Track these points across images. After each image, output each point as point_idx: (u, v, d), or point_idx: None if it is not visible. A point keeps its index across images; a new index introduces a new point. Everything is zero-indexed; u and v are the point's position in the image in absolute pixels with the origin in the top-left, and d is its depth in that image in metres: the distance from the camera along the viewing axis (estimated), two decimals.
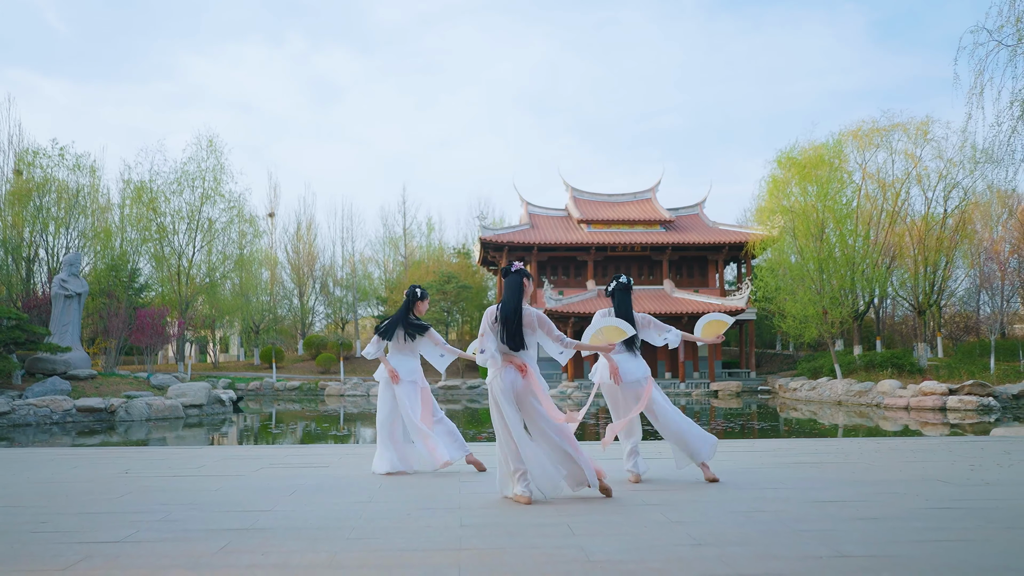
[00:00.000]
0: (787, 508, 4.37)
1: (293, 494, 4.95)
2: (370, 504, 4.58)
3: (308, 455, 7.27)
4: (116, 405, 18.87)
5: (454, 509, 4.40)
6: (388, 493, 5.00)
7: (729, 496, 4.79)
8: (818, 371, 29.84)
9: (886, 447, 7.71)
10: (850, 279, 27.65)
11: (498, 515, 4.23)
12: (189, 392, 20.93)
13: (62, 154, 31.13)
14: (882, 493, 4.87)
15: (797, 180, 28.30)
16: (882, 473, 5.81)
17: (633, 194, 40.62)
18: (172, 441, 14.46)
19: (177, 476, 5.86)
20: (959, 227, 28.94)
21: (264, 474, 5.85)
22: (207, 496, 4.88)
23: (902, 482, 5.34)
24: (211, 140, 34.37)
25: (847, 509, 4.34)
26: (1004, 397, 21.43)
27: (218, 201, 34.61)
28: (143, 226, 32.93)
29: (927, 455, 6.94)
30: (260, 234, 39.55)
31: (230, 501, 4.70)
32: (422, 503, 4.61)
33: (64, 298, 22.60)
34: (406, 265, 48.58)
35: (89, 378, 21.26)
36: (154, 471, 6.13)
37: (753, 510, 4.32)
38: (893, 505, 4.44)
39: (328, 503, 4.62)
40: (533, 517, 4.16)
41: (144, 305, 32.14)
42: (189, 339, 46.65)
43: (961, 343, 32.30)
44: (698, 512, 4.27)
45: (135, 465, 6.50)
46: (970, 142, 21.58)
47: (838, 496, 4.78)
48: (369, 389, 32.10)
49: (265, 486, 5.30)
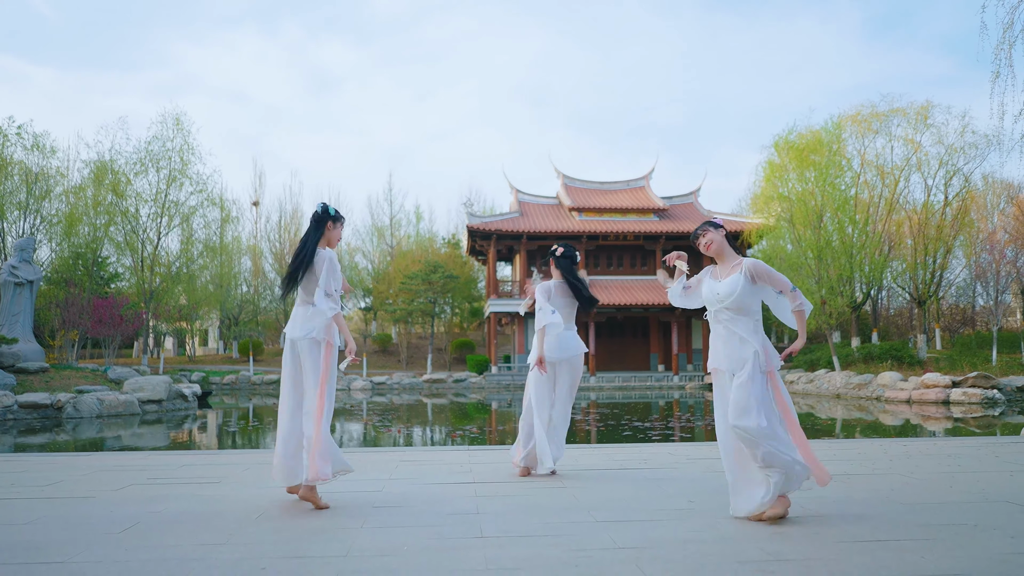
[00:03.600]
0: (817, 555, 3.01)
1: (126, 531, 3.55)
2: (221, 548, 3.20)
3: (209, 465, 5.87)
4: (63, 401, 17.29)
5: (338, 557, 3.03)
6: (260, 527, 3.61)
7: (739, 534, 3.42)
8: (815, 363, 28.65)
9: (916, 451, 6.35)
10: (849, 268, 26.44)
11: (397, 568, 2.86)
12: (147, 387, 19.44)
13: (19, 133, 29.43)
14: (948, 525, 3.48)
15: (795, 166, 27.04)
16: (927, 491, 4.44)
17: (626, 182, 39.23)
18: (128, 440, 12.99)
19: (5, 499, 4.45)
20: (959, 215, 27.82)
21: (121, 495, 4.45)
22: (7, 532, 3.48)
23: (962, 506, 3.97)
24: (178, 118, 32.51)
25: (908, 554, 2.97)
26: (1008, 389, 20.64)
27: (185, 184, 32.74)
28: (104, 209, 31.09)
29: (971, 463, 5.57)
30: (231, 219, 37.79)
31: (27, 541, 3.30)
32: (296, 546, 3.23)
33: (14, 286, 21.11)
34: (393, 255, 47.10)
35: (40, 371, 19.71)
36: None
37: (770, 558, 2.97)
38: (973, 546, 3.07)
39: (162, 546, 3.23)
40: (447, 571, 2.80)
41: (109, 295, 30.51)
42: (165, 332, 45.13)
43: (959, 335, 31.28)
44: (696, 565, 2.92)
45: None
46: (997, 114, 20.27)
47: (887, 531, 3.38)
48: (350, 383, 30.64)
49: (103, 515, 3.89)
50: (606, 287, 34.33)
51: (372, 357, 38.97)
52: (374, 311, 44.59)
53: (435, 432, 14.54)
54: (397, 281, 39.22)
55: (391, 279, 41.79)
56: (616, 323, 35.21)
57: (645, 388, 30.32)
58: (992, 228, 32.71)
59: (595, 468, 5.53)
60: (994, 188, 34.44)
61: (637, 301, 32.73)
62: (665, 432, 12.62)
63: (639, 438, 11.27)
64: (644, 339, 35.50)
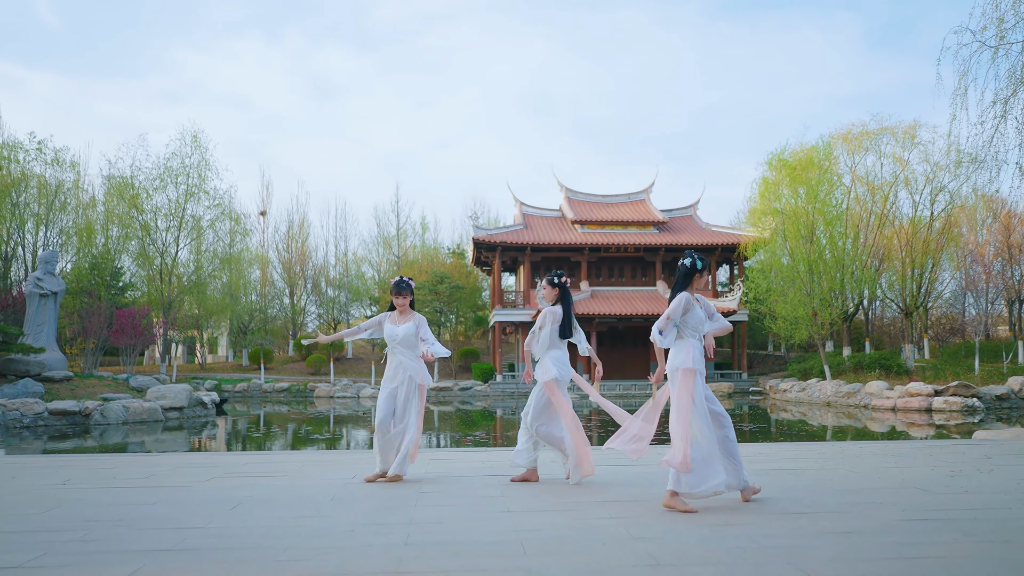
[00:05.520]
0: (757, 521, 4.11)
1: (235, 507, 4.66)
2: (315, 519, 4.30)
3: (268, 463, 6.98)
4: (91, 408, 18.32)
5: (404, 524, 4.12)
6: (339, 506, 4.71)
7: (698, 507, 4.52)
8: (808, 372, 29.71)
9: (868, 451, 7.47)
10: (839, 281, 27.57)
11: (450, 531, 3.95)
12: (169, 394, 20.44)
13: (40, 148, 30.60)
14: (858, 503, 4.62)
15: (788, 182, 28.21)
16: (861, 480, 5.55)
17: (627, 195, 40.46)
18: (150, 445, 14.12)
19: (119, 487, 5.56)
20: (945, 230, 28.97)
21: (213, 485, 5.56)
22: (140, 511, 4.58)
23: (880, 490, 5.09)
24: (196, 135, 33.87)
25: (820, 521, 4.08)
26: (988, 398, 21.52)
27: (203, 198, 34.08)
28: (125, 223, 32.35)
29: (908, 460, 6.69)
30: (247, 232, 39.07)
31: (163, 516, 4.40)
32: (371, 517, 4.33)
33: (39, 297, 22.09)
34: (399, 265, 48.23)
35: (65, 380, 20.67)
36: (97, 481, 5.82)
37: (721, 523, 4.06)
38: (868, 517, 4.18)
39: (270, 518, 4.33)
40: (487, 533, 3.89)
41: (127, 305, 31.63)
42: (176, 340, 46.23)
43: (947, 344, 32.31)
44: (662, 527, 4.01)
45: (79, 475, 6.18)
46: (955, 145, 21.62)
47: (812, 507, 4.51)
48: (360, 391, 31.73)
49: (209, 498, 5.00)
50: (607, 298, 35.49)
51: (380, 366, 39.86)
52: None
53: (446, 438, 15.63)
54: None
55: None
56: (617, 333, 36.32)
57: (645, 396, 31.40)
58: (981, 241, 33.84)
59: (598, 465, 6.62)
60: (985, 201, 35.54)
61: (637, 311, 33.86)
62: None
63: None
64: (644, 349, 36.59)
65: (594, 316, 33.60)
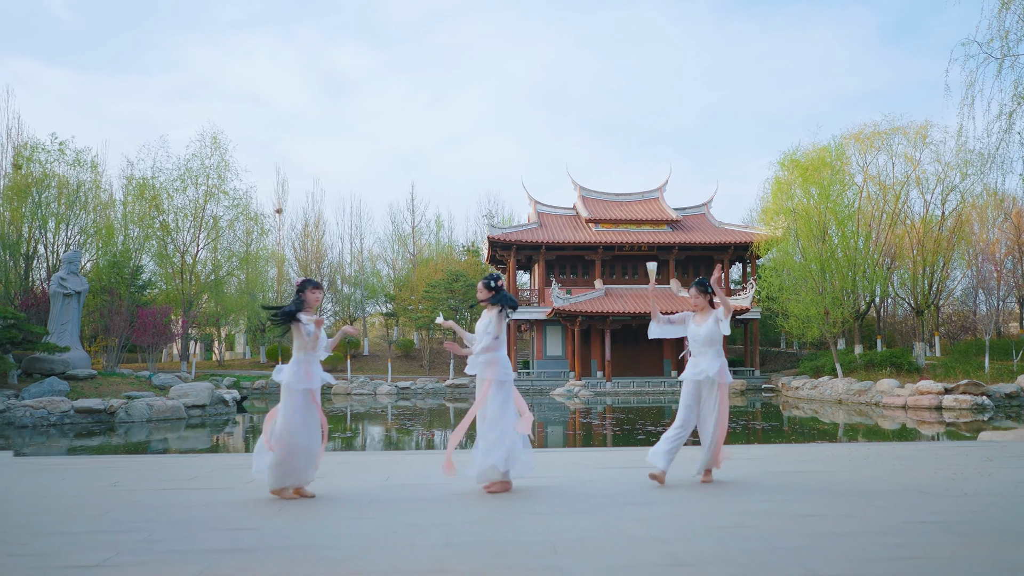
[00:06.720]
0: (768, 523, 4.42)
1: (282, 509, 5.02)
2: (358, 520, 4.65)
3: None
4: (116, 406, 18.51)
5: (440, 526, 4.46)
6: (377, 508, 5.06)
7: (714, 510, 4.84)
8: (820, 370, 29.91)
9: (874, 453, 7.76)
10: (851, 280, 27.74)
11: (485, 531, 4.29)
12: (191, 392, 20.73)
13: (61, 149, 31.05)
14: (863, 506, 4.92)
15: (800, 182, 28.39)
16: (866, 483, 5.86)
17: (640, 193, 40.73)
18: (173, 443, 14.55)
19: (167, 489, 5.93)
20: (956, 229, 29.06)
21: (255, 487, 5.91)
22: (195, 512, 4.95)
23: (884, 493, 5.39)
24: (215, 137, 34.39)
25: (826, 524, 4.39)
26: (997, 396, 21.60)
27: (222, 199, 34.63)
28: (146, 223, 32.89)
29: (913, 463, 6.98)
30: (266, 232, 39.57)
31: (217, 518, 4.77)
32: (409, 519, 4.67)
33: (63, 296, 22.43)
34: (415, 263, 48.63)
35: (89, 378, 20.92)
36: (144, 483, 6.20)
37: (736, 525, 4.38)
38: (872, 519, 4.49)
39: (316, 519, 4.69)
40: (519, 534, 4.23)
41: (147, 303, 32.17)
42: (194, 337, 46.86)
43: (958, 342, 32.39)
44: (680, 528, 4.33)
45: (126, 476, 6.57)
46: (963, 154, 21.80)
47: (819, 509, 4.83)
48: (376, 388, 32.15)
49: (255, 500, 5.37)
50: (621, 296, 35.79)
51: (396, 362, 40.47)
52: (396, 317, 46.19)
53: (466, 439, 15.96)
54: (420, 289, 40.84)
55: (413, 286, 43.38)
56: (631, 330, 36.62)
57: (658, 393, 31.73)
58: (992, 239, 33.89)
59: (614, 467, 6.95)
60: (995, 201, 35.54)
61: (651, 309, 34.07)
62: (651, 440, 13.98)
63: (652, 440, 12.64)
64: (657, 346, 36.85)
65: (608, 314, 33.90)
